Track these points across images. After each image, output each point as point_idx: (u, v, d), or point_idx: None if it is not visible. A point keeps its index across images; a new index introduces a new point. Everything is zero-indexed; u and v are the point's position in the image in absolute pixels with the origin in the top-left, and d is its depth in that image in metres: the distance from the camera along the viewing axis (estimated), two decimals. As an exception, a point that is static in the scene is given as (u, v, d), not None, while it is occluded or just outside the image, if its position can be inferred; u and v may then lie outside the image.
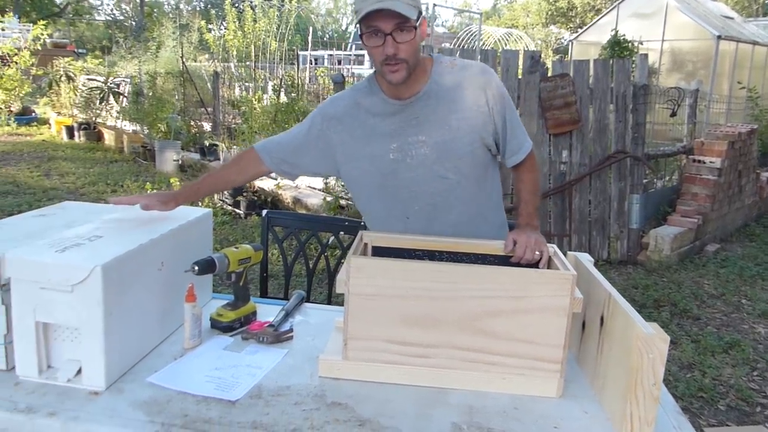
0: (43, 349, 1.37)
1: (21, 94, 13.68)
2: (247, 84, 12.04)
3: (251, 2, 11.87)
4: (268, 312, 1.81)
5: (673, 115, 6.61)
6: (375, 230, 1.89)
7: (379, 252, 1.66)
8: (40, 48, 14.30)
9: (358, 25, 1.65)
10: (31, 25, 16.67)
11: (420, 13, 1.63)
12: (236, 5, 12.44)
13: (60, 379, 1.36)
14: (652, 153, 6.09)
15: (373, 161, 1.81)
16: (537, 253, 1.61)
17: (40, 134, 12.34)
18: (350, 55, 21.01)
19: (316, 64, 18.51)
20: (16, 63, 13.33)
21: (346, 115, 1.84)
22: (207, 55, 14.79)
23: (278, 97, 10.24)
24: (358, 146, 1.82)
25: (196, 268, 1.60)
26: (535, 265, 1.61)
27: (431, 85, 1.76)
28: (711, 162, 5.87)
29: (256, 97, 8.82)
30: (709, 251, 5.80)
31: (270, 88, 11.66)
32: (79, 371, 1.36)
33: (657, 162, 6.48)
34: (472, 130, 1.76)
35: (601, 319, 1.42)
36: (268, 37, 11.91)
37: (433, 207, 1.82)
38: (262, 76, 12.31)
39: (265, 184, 7.21)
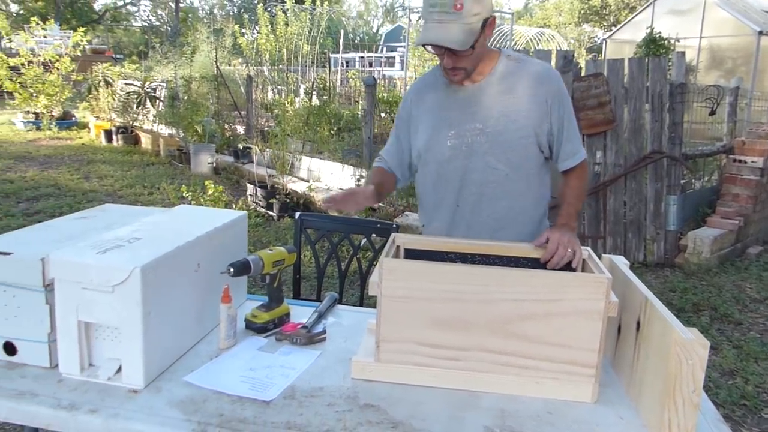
0: (84, 347, 1.41)
1: (62, 99, 14.03)
2: (279, 87, 12.16)
3: (283, 6, 11.98)
4: (301, 313, 1.83)
5: (712, 113, 6.46)
6: (426, 219, 1.98)
7: (412, 254, 1.67)
8: (79, 54, 14.66)
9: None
10: (72, 31, 17.10)
11: (486, 19, 1.66)
12: (269, 9, 12.58)
13: (101, 377, 1.40)
14: (690, 153, 5.96)
15: (431, 149, 1.87)
16: (570, 251, 1.60)
17: (80, 138, 12.64)
18: (381, 57, 21.06)
19: (347, 66, 18.61)
20: (58, 69, 13.68)
21: (413, 107, 1.94)
22: (240, 59, 14.98)
23: (310, 99, 10.33)
24: (421, 134, 1.90)
25: (232, 269, 1.62)
26: (568, 267, 1.60)
27: (494, 75, 1.81)
28: (753, 162, 5.71)
29: (289, 100, 8.90)
30: (751, 254, 5.65)
31: (302, 90, 11.76)
32: (119, 369, 1.40)
33: (695, 162, 6.33)
34: (527, 124, 1.79)
35: (638, 323, 1.40)
36: (300, 40, 12.02)
37: (480, 196, 1.84)
38: (295, 79, 12.43)
39: (297, 186, 7.27)
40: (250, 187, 7.13)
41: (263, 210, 6.73)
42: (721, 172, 6.24)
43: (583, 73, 5.14)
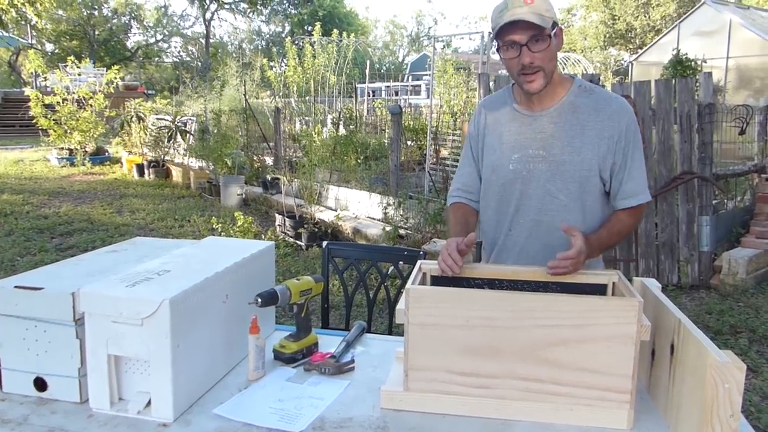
0: (114, 381, 1.42)
1: (95, 135, 14.41)
2: (306, 118, 12.33)
3: (311, 39, 12.21)
4: (329, 343, 1.82)
5: (742, 133, 6.36)
6: (484, 239, 1.95)
7: (438, 281, 1.66)
8: (113, 91, 15.08)
9: (495, 41, 1.72)
10: (105, 69, 17.61)
11: (555, 23, 1.67)
12: (296, 42, 12.83)
13: (131, 411, 1.40)
14: (721, 173, 5.86)
15: (495, 170, 1.86)
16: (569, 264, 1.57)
17: (113, 173, 12.94)
18: (407, 85, 21.24)
19: (373, 95, 18.79)
20: (91, 106, 14.08)
21: (482, 126, 1.93)
22: (268, 92, 15.25)
23: (337, 129, 10.44)
24: (487, 154, 1.89)
25: (259, 300, 1.63)
26: (601, 291, 1.57)
27: (564, 103, 1.79)
28: (786, 180, 5.59)
29: (316, 130, 9.02)
30: (788, 274, 5.49)
31: (329, 121, 11.90)
32: (149, 403, 1.40)
33: (726, 182, 6.21)
34: (591, 157, 1.76)
35: (672, 347, 1.37)
36: (327, 71, 12.21)
37: (536, 224, 1.83)
38: (322, 110, 12.60)
39: (325, 215, 7.32)
40: (278, 218, 7.20)
41: (292, 240, 6.78)
42: (753, 192, 6.12)
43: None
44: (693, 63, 10.86)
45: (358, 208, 7.50)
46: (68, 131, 13.83)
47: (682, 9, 21.85)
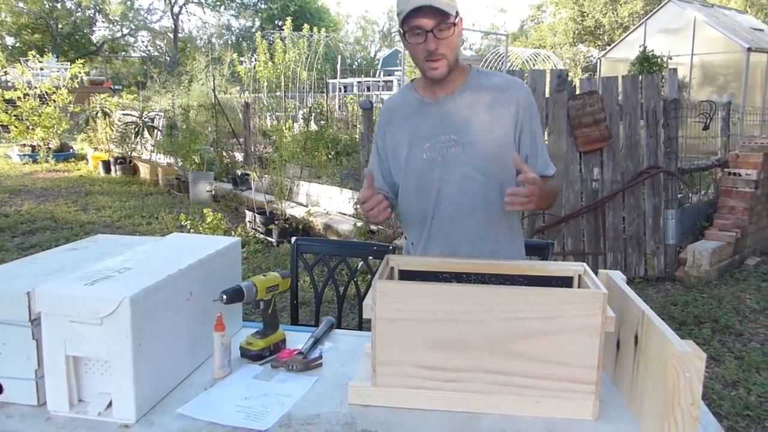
0: (73, 383, 1.38)
1: (59, 132, 14.10)
2: (277, 114, 12.23)
3: (281, 34, 12.10)
4: (297, 339, 1.80)
5: (706, 128, 6.49)
6: (409, 233, 1.98)
7: (406, 276, 1.65)
8: (77, 86, 14.76)
9: (399, 29, 1.75)
10: (69, 63, 17.24)
11: (457, 12, 1.71)
12: (266, 37, 12.71)
13: (91, 413, 1.36)
14: (686, 167, 5.97)
15: (409, 163, 1.88)
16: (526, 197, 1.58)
17: (78, 170, 12.68)
18: (379, 81, 21.22)
19: (345, 91, 18.72)
20: (55, 101, 13.77)
21: (386, 128, 1.96)
22: (238, 87, 15.08)
23: (308, 125, 10.38)
24: (398, 150, 1.91)
25: (224, 297, 1.60)
26: (568, 284, 1.58)
27: (466, 86, 1.84)
28: (747, 174, 5.73)
29: (287, 126, 8.95)
30: (749, 265, 5.64)
31: (300, 116, 11.82)
32: (110, 404, 1.37)
33: (691, 176, 6.34)
34: (501, 134, 1.81)
35: (636, 338, 1.38)
36: (298, 66, 12.12)
37: (458, 207, 1.85)
38: (293, 106, 12.50)
39: (296, 211, 7.28)
40: (249, 214, 7.13)
41: (262, 236, 6.72)
42: (717, 186, 6.25)
43: (577, 92, 5.17)
44: (659, 59, 11.06)
45: (330, 204, 7.47)
46: (30, 127, 13.53)
47: (649, 6, 22.15)
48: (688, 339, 1.20)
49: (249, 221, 7.10)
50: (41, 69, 15.38)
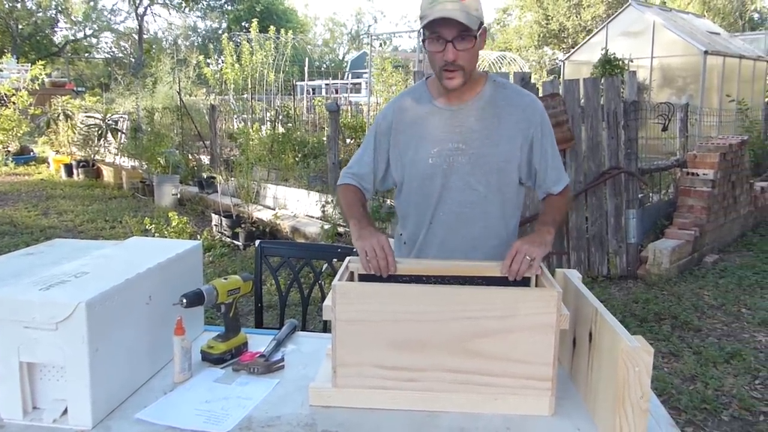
0: (27, 389, 1.36)
1: (19, 134, 13.78)
2: (244, 116, 12.13)
3: (248, 35, 12.02)
4: (260, 342, 1.80)
5: (665, 129, 6.66)
6: (405, 235, 1.97)
7: (365, 278, 1.66)
8: (38, 87, 14.43)
9: (422, 30, 1.73)
10: (30, 65, 16.86)
11: (481, 23, 1.69)
12: (233, 39, 12.60)
13: (45, 420, 1.34)
14: (646, 168, 6.11)
15: (414, 165, 1.87)
16: (527, 258, 1.57)
17: (39, 173, 12.40)
18: (347, 83, 21.22)
19: (313, 93, 18.68)
20: (14, 103, 13.45)
21: (395, 121, 1.91)
22: (204, 89, 14.92)
23: (274, 127, 10.32)
24: (402, 150, 1.89)
25: (184, 300, 1.59)
26: (525, 284, 1.61)
27: (480, 98, 1.83)
28: (704, 174, 5.88)
29: (255, 128, 8.89)
30: (707, 262, 5.79)
31: (267, 119, 11.75)
32: (66, 411, 1.35)
33: (651, 176, 6.49)
34: (509, 149, 1.81)
35: (590, 335, 1.42)
36: (265, 68, 12.05)
37: (457, 216, 1.85)
38: (260, 108, 12.42)
39: (263, 214, 7.23)
40: (215, 218, 7.07)
41: (229, 240, 6.66)
42: (676, 186, 6.41)
43: (540, 94, 5.25)
44: (620, 62, 11.28)
45: (297, 207, 7.45)
46: (-12, 130, 13.18)
47: (611, 10, 22.60)
48: (648, 336, 1.23)
49: (215, 225, 7.03)
50: (0, 71, 15.00)
